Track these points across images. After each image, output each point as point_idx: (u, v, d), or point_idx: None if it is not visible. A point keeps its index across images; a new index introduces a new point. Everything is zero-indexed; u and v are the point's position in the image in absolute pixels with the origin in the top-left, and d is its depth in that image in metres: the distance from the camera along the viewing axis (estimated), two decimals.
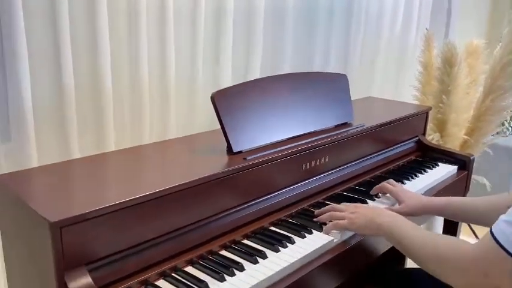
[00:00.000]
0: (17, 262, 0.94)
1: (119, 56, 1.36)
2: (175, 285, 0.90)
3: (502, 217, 0.82)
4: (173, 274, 0.93)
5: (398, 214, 1.09)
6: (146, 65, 1.40)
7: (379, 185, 1.34)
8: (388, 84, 2.41)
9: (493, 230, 0.81)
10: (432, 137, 1.92)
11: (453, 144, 2.01)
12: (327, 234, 1.10)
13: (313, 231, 1.12)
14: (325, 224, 1.13)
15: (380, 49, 2.27)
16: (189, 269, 0.95)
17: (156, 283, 0.90)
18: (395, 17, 2.31)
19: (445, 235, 1.25)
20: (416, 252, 0.96)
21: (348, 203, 1.19)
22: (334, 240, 1.08)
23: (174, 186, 0.93)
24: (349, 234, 1.13)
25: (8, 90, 1.18)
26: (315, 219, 1.16)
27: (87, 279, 0.80)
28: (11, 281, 0.98)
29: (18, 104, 1.18)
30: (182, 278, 0.91)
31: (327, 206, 1.18)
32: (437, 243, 0.92)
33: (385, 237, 1.05)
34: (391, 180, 1.35)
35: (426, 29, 2.21)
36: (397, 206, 1.28)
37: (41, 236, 0.79)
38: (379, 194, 1.36)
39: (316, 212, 1.18)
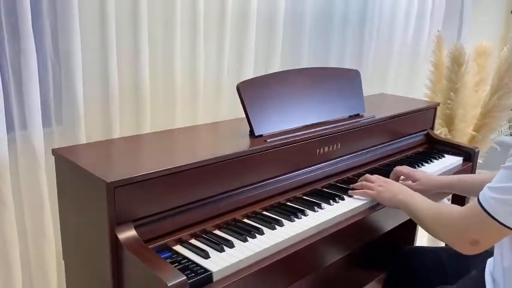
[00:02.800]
0: (71, 220, 1.11)
1: (156, 54, 1.55)
2: (205, 243, 1.05)
3: (488, 184, 0.94)
4: (203, 235, 1.08)
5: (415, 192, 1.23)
6: (179, 62, 1.58)
7: (394, 169, 1.47)
8: (401, 83, 2.54)
9: (479, 195, 0.95)
10: (440, 131, 2.04)
11: (461, 139, 2.13)
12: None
13: (324, 206, 1.26)
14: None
15: (393, 51, 2.40)
16: (217, 232, 1.11)
17: (189, 241, 1.06)
18: (409, 21, 2.44)
19: (448, 204, 1.38)
20: (423, 217, 1.11)
21: (380, 176, 1.34)
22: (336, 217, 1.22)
23: (203, 161, 1.09)
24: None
25: (62, 82, 1.36)
26: (350, 186, 1.35)
27: (134, 233, 0.96)
28: (65, 237, 1.15)
29: (70, 94, 1.36)
30: (211, 238, 1.07)
31: (363, 176, 1.37)
32: (439, 207, 1.09)
33: (403, 209, 1.20)
34: (405, 166, 1.48)
35: (438, 30, 2.33)
36: (411, 183, 1.41)
37: (97, 196, 0.96)
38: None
39: (352, 185, 1.36)
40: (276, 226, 1.14)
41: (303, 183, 1.37)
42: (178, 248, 1.03)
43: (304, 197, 1.33)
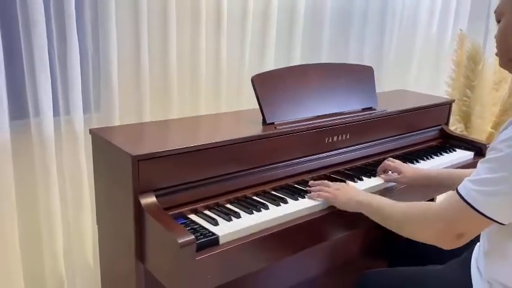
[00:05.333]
0: (104, 189, 1.30)
1: (183, 49, 1.72)
2: (215, 214, 1.20)
3: (467, 178, 0.97)
4: (215, 207, 1.24)
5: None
6: (204, 54, 1.74)
7: (380, 165, 1.51)
8: (424, 80, 2.60)
9: (458, 188, 0.96)
10: (456, 127, 2.10)
11: (479, 136, 2.18)
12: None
13: None
14: None
15: (415, 48, 2.47)
16: (228, 205, 1.26)
17: (202, 211, 1.21)
18: (432, 17, 2.50)
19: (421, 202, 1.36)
20: (392, 218, 1.09)
21: (337, 182, 1.35)
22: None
23: (219, 141, 1.24)
24: None
25: (101, 72, 1.55)
26: (307, 188, 1.35)
27: (154, 200, 1.13)
28: (99, 204, 1.34)
29: (107, 84, 1.56)
30: (221, 210, 1.22)
31: (319, 181, 1.37)
32: (409, 205, 1.06)
33: (365, 211, 1.18)
34: (390, 158, 1.53)
35: (460, 29, 2.38)
36: (396, 176, 1.47)
37: (124, 168, 1.13)
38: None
39: (310, 182, 1.37)
40: (281, 203, 1.27)
41: (311, 169, 1.49)
42: (193, 217, 1.18)
43: (312, 181, 1.45)
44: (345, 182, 1.43)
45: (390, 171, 1.50)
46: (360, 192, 1.25)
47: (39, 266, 1.55)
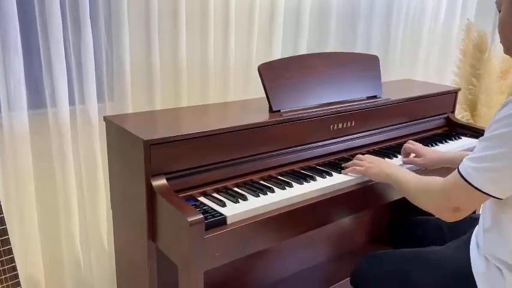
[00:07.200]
0: (117, 173, 1.36)
1: (193, 39, 1.77)
2: (224, 197, 1.25)
3: (467, 156, 1.04)
4: (223, 191, 1.29)
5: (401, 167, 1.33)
6: (212, 47, 1.79)
7: (404, 146, 1.56)
8: (432, 70, 2.61)
9: (459, 166, 1.03)
10: (462, 115, 2.12)
11: (485, 124, 2.16)
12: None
13: (334, 174, 1.43)
14: None
15: (422, 38, 2.49)
16: (235, 189, 1.31)
17: (211, 194, 1.27)
18: (439, 7, 2.51)
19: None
20: (407, 188, 1.19)
21: (370, 155, 1.46)
22: (338, 183, 1.37)
23: (228, 127, 1.29)
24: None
25: (114, 63, 1.62)
26: (342, 165, 1.45)
27: (165, 182, 1.19)
28: (113, 188, 1.41)
29: (120, 74, 1.62)
30: (230, 193, 1.27)
31: (356, 155, 1.47)
32: (422, 178, 1.18)
33: (391, 183, 1.29)
34: (410, 141, 1.58)
35: (467, 19, 2.39)
36: (417, 158, 1.51)
37: (137, 152, 1.19)
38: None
39: (344, 164, 1.46)
40: (286, 187, 1.32)
41: (316, 155, 1.54)
42: (202, 199, 1.24)
43: (318, 167, 1.50)
44: None
45: (413, 155, 1.55)
46: (389, 166, 1.34)
47: (57, 248, 1.63)
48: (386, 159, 1.59)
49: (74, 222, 1.61)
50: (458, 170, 1.02)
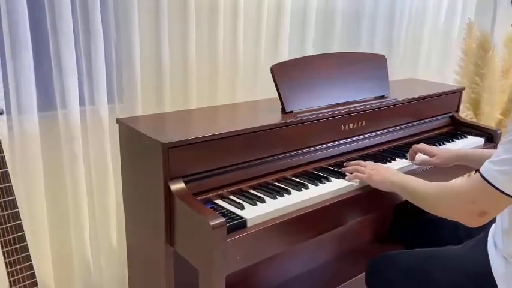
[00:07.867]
0: (131, 176, 1.35)
1: (201, 40, 1.76)
2: (241, 199, 1.25)
3: (488, 159, 1.03)
4: (239, 193, 1.29)
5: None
6: (221, 47, 1.78)
7: (411, 149, 1.56)
8: (433, 69, 2.63)
9: (480, 169, 1.03)
10: (466, 114, 2.14)
11: (488, 122, 2.22)
12: (349, 181, 1.38)
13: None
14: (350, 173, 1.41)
15: (424, 38, 2.50)
16: (251, 191, 1.31)
17: (228, 196, 1.27)
18: (440, 7, 2.53)
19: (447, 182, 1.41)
20: (423, 197, 1.16)
21: (371, 162, 1.45)
22: (354, 185, 1.37)
23: (244, 129, 1.29)
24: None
25: (123, 65, 1.60)
26: (342, 169, 1.43)
27: (183, 185, 1.18)
28: (126, 190, 1.39)
29: (130, 75, 1.61)
30: (246, 195, 1.27)
31: (354, 161, 1.45)
32: (438, 185, 1.13)
33: (398, 191, 1.25)
34: (416, 145, 1.58)
35: (468, 18, 2.41)
36: (429, 158, 1.51)
37: (154, 155, 1.18)
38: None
39: (345, 163, 1.46)
40: (302, 189, 1.32)
41: (329, 156, 1.55)
42: (219, 202, 1.24)
43: (330, 168, 1.51)
44: None
45: (419, 154, 1.54)
46: (394, 173, 1.30)
47: (66, 250, 1.62)
48: (398, 159, 1.60)
49: (84, 224, 1.60)
50: (481, 174, 1.01)
